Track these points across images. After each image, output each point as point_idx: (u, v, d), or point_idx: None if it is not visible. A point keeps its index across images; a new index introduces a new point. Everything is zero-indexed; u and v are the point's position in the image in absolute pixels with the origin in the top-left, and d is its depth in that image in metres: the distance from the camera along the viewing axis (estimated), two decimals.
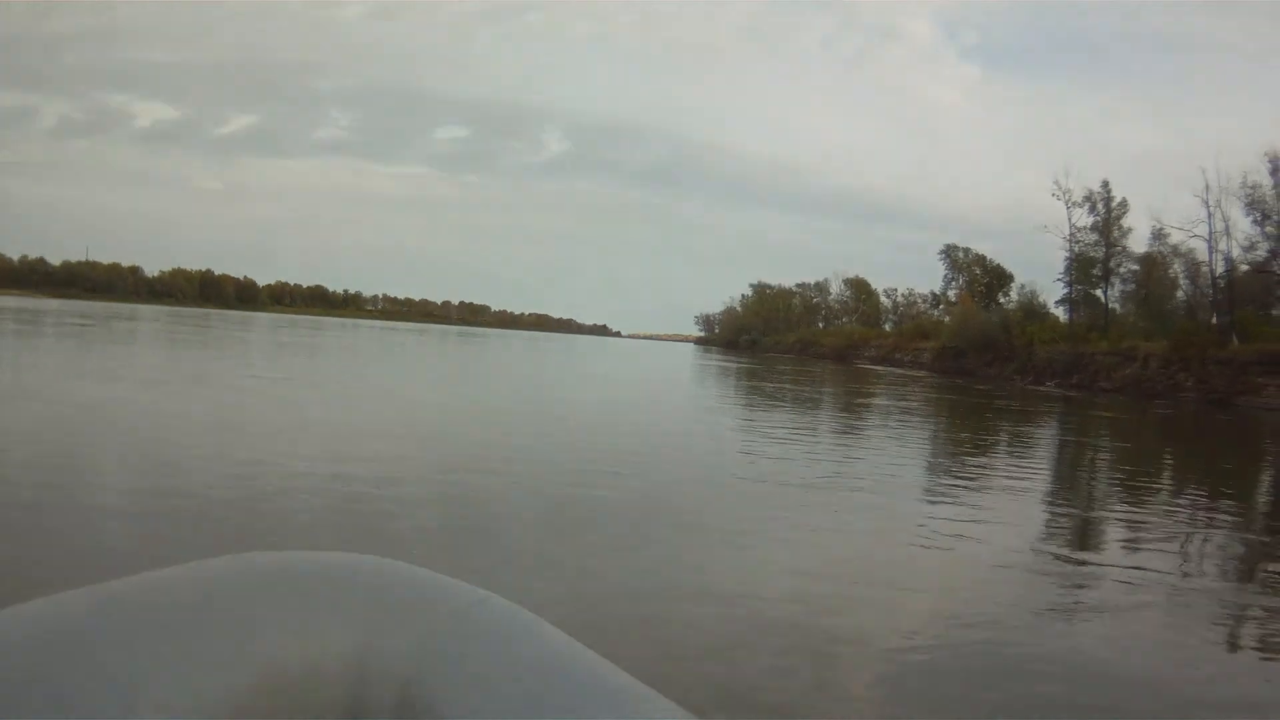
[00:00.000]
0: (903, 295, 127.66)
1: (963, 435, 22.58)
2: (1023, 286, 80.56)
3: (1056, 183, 67.89)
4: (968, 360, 64.71)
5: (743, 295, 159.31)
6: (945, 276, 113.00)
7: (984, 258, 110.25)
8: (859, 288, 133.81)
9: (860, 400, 33.69)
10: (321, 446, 12.70)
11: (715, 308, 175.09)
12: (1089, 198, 67.71)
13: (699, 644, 5.89)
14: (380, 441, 13.60)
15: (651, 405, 23.25)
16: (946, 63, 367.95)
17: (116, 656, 1.88)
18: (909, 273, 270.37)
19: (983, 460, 17.17)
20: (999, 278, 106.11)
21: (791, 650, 5.95)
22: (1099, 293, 69.21)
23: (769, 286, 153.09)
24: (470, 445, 14.44)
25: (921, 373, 66.96)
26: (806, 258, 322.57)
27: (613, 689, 1.95)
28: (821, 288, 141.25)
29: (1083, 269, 68.25)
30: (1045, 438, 24.69)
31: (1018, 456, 18.61)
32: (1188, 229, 57.87)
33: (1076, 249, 68.46)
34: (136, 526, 7.67)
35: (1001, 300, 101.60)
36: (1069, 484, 15.61)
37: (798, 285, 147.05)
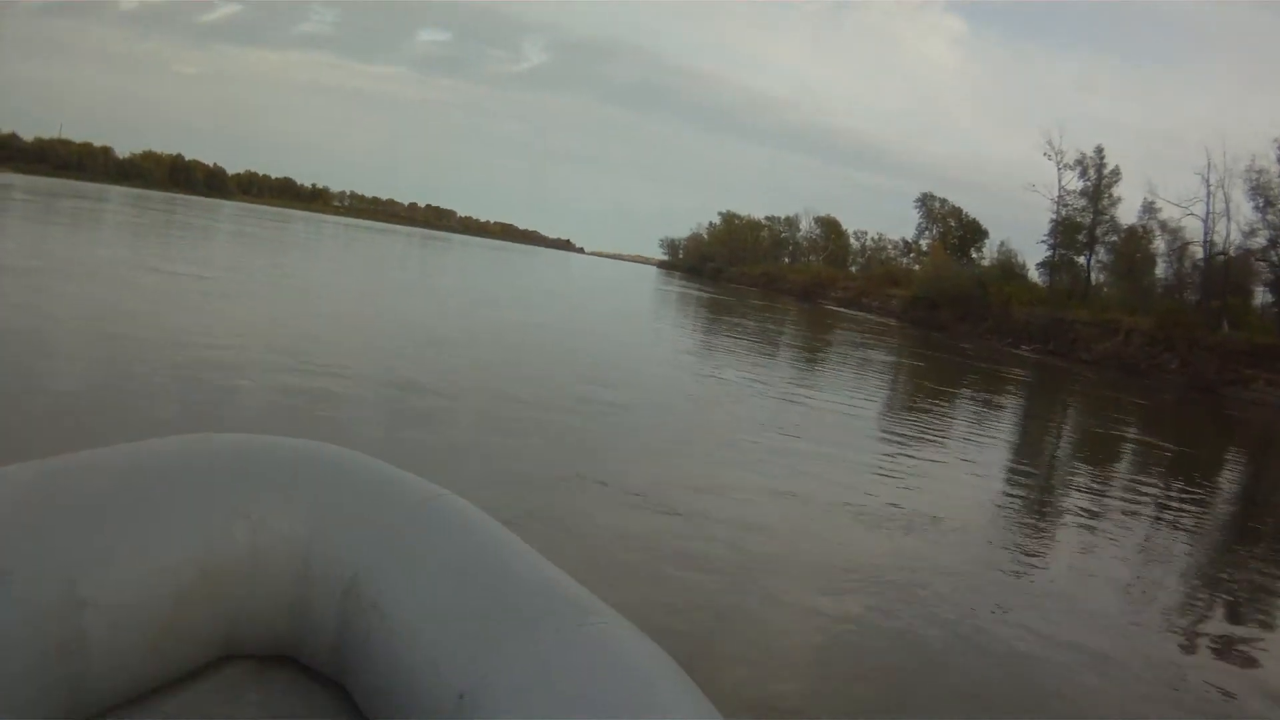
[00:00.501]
0: (872, 239, 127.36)
1: (965, 409, 22.02)
2: (1001, 244, 79.54)
3: (1049, 142, 67.37)
4: (940, 314, 63.88)
5: (710, 223, 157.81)
6: (919, 225, 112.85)
7: (960, 210, 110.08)
8: (829, 226, 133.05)
9: (842, 350, 33.20)
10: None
11: (680, 232, 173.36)
12: (1080, 161, 66.89)
13: None
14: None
15: (624, 353, 22.52)
16: (933, 11, 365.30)
17: (58, 534, 2.02)
18: (879, 218, 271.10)
19: (1002, 453, 16.67)
20: (973, 232, 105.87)
21: None
22: (1081, 260, 68.44)
23: (738, 216, 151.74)
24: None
25: (891, 321, 66.35)
26: (776, 192, 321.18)
27: (558, 594, 2.11)
28: (791, 223, 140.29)
29: (1068, 234, 67.42)
30: (1065, 423, 24.33)
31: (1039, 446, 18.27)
32: (1184, 205, 57.36)
33: (1064, 212, 67.74)
34: None
35: (974, 255, 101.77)
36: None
37: (767, 218, 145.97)
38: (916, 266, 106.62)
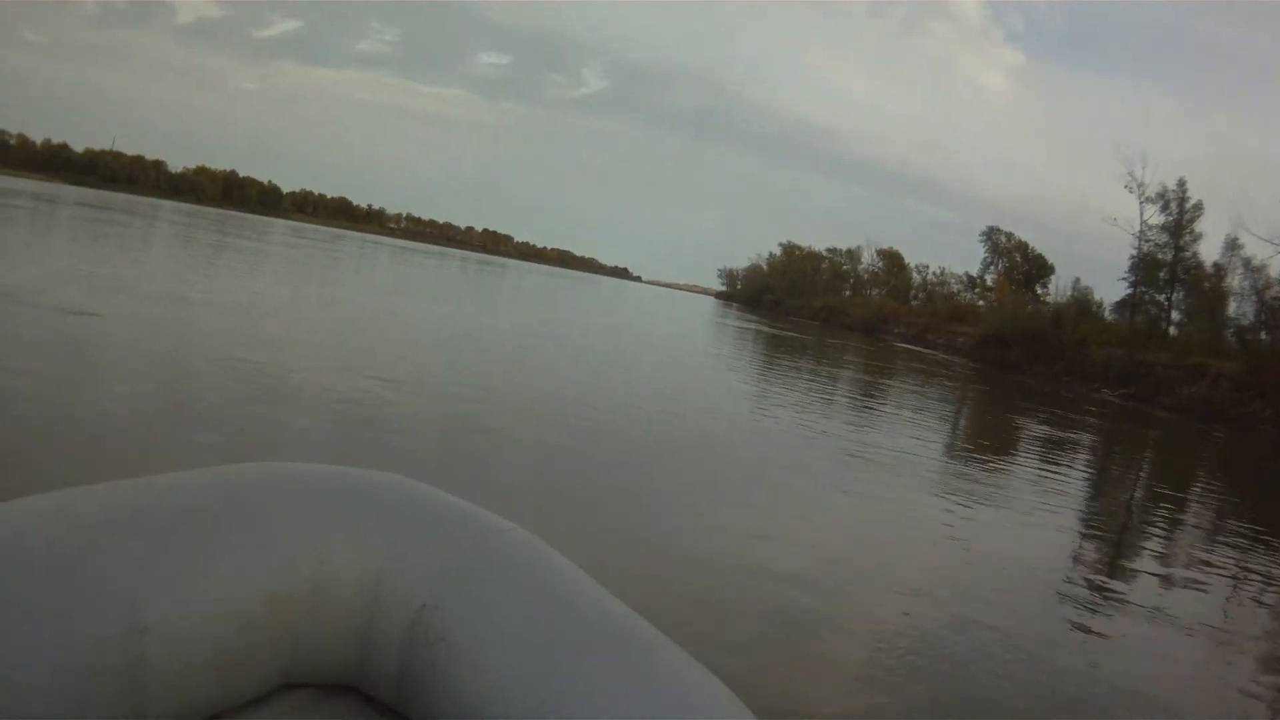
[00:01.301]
0: (935, 273, 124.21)
1: (1076, 467, 19.31)
2: (1076, 281, 74.95)
3: (1130, 174, 63.61)
4: (1010, 353, 60.46)
5: (770, 254, 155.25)
6: (984, 259, 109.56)
7: (1025, 244, 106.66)
8: (892, 260, 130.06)
9: (934, 398, 30.52)
10: None
11: (737, 262, 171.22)
12: (1162, 195, 62.51)
13: None
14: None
15: (698, 404, 19.70)
16: (992, 44, 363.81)
17: (122, 559, 2.00)
18: (937, 251, 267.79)
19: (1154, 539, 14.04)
20: (1039, 267, 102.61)
21: None
22: (1162, 298, 64.18)
23: (799, 247, 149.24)
24: None
25: (959, 359, 63.16)
26: (834, 223, 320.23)
27: (627, 630, 2.12)
28: (853, 255, 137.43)
29: (1150, 271, 63.30)
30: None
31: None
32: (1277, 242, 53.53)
33: (1145, 248, 63.41)
34: None
35: (1039, 291, 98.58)
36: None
37: (828, 250, 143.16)
38: (981, 303, 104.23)
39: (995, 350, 62.49)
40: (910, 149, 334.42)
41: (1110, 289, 70.68)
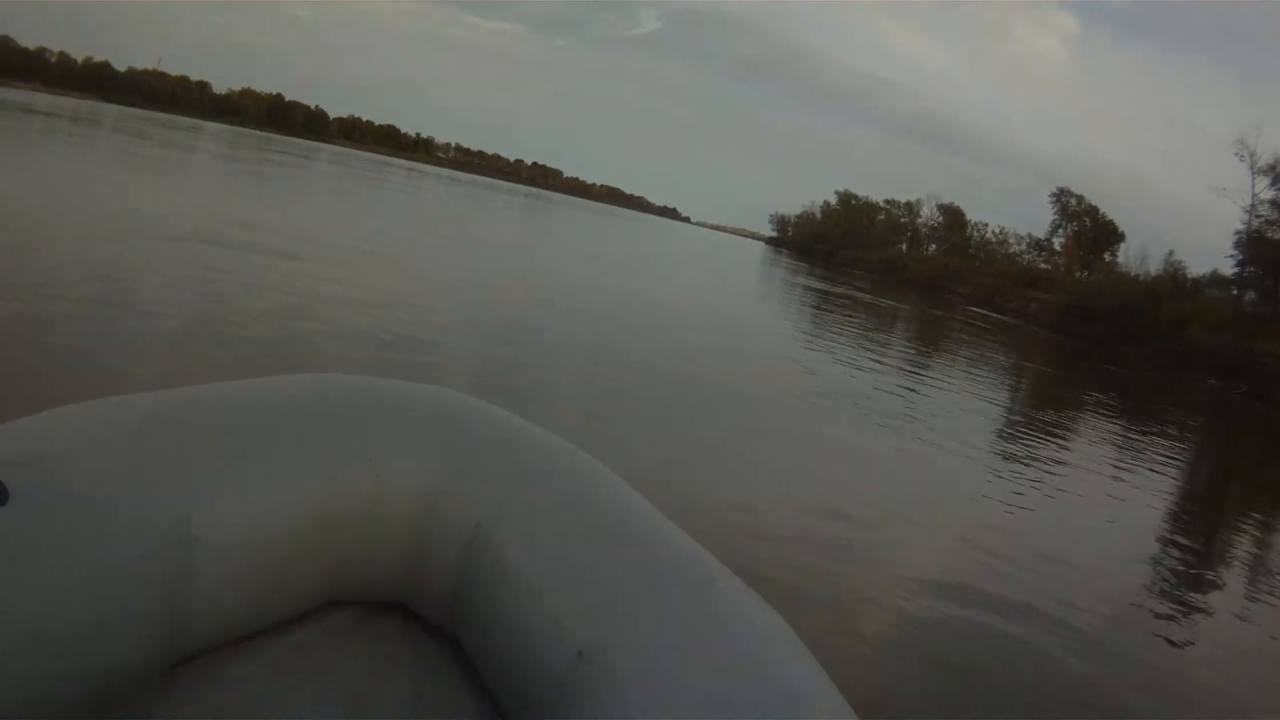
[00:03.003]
0: (994, 232, 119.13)
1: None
2: (1170, 254, 67.98)
3: (1242, 141, 58.73)
4: (1097, 328, 55.44)
5: (825, 201, 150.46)
6: (1053, 221, 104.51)
7: (1096, 209, 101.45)
8: (952, 215, 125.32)
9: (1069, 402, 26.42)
10: None
11: (787, 209, 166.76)
12: (1275, 165, 57.44)
13: None
14: None
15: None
16: (1047, 9, 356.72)
17: (173, 468, 2.01)
18: (985, 210, 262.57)
19: None
20: (1108, 234, 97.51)
21: None
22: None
23: (856, 197, 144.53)
24: None
25: (1038, 329, 58.39)
26: (883, 177, 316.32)
27: (684, 558, 2.11)
28: (912, 208, 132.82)
29: (1264, 249, 56.51)
30: None
31: None
32: None
33: (1255, 223, 58.06)
34: None
35: (1108, 259, 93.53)
36: None
37: (886, 201, 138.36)
38: (1044, 265, 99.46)
39: (1080, 323, 57.40)
40: (963, 108, 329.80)
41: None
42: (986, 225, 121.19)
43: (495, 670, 2.18)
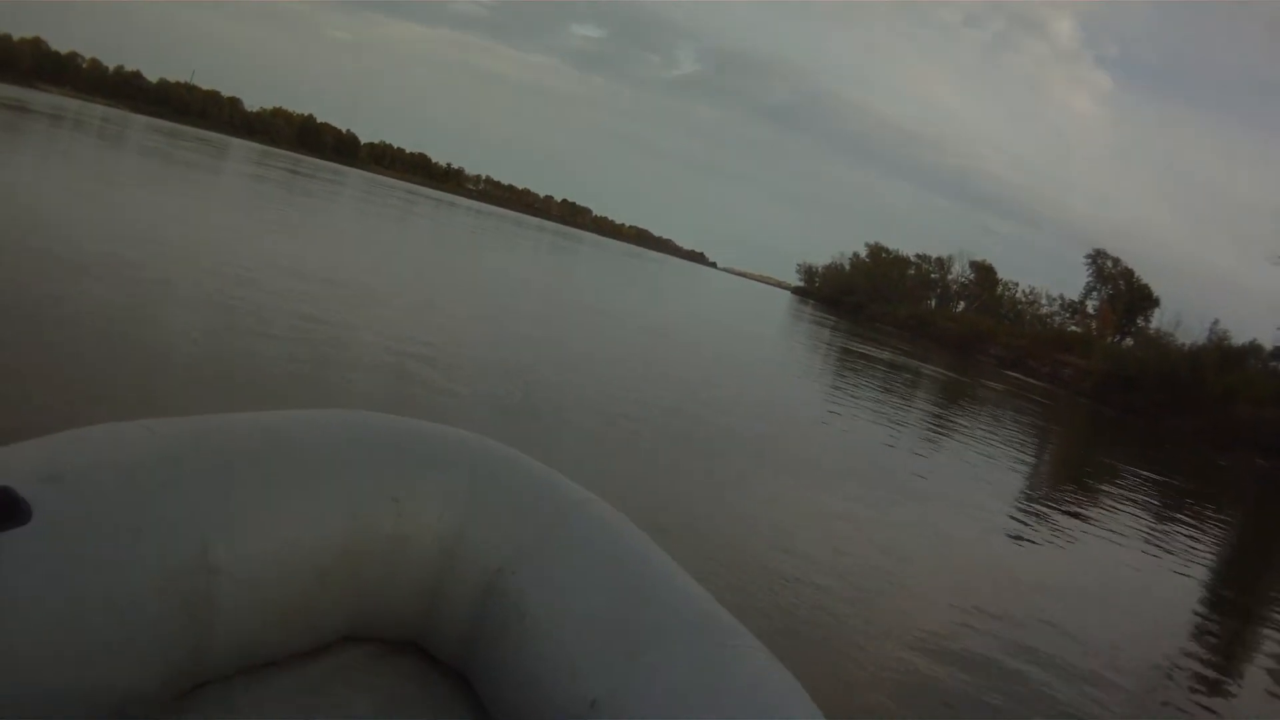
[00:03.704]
0: (1024, 292, 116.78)
1: None
2: (1216, 323, 64.37)
3: None
4: (1134, 397, 52.77)
5: (854, 253, 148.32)
6: (1087, 284, 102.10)
7: (1132, 272, 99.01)
8: (984, 273, 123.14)
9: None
10: None
11: (814, 258, 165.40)
12: None
13: None
14: None
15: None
16: (1083, 67, 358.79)
17: (197, 496, 2.01)
18: (1013, 268, 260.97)
19: None
20: (1143, 299, 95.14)
21: None
22: None
23: (886, 250, 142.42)
24: None
25: (1081, 398, 55.89)
26: (912, 230, 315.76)
27: (701, 613, 2.11)
28: (943, 264, 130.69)
29: None
30: None
31: None
32: None
33: None
34: None
35: (1140, 324, 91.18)
36: None
37: (917, 256, 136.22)
38: (1075, 328, 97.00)
39: (1118, 392, 54.95)
40: (994, 163, 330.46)
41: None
42: (1017, 284, 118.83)
43: (507, 715, 2.18)
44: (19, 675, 1.64)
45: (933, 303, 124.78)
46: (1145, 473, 24.96)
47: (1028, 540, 11.61)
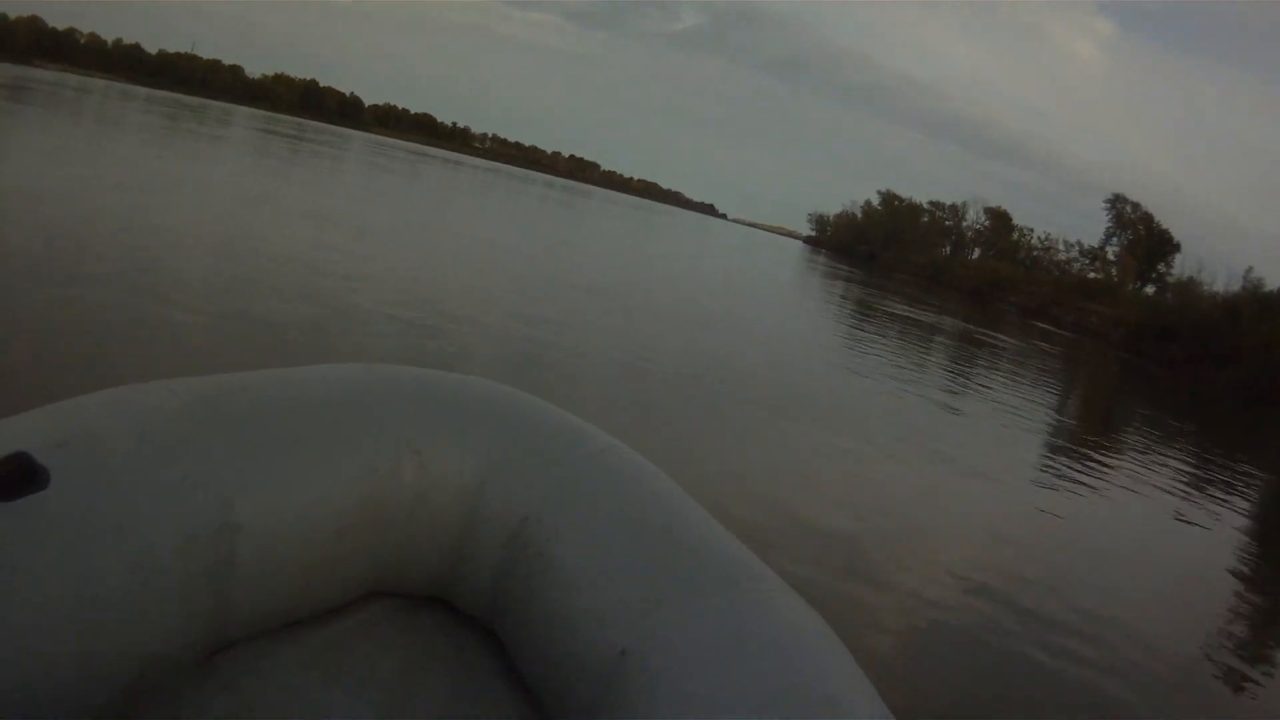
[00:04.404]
0: (1039, 238, 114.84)
1: None
2: (1249, 270, 61.20)
3: None
4: (1171, 348, 50.96)
5: (866, 201, 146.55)
6: (1107, 229, 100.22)
7: (1151, 217, 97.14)
8: (999, 219, 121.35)
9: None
10: None
11: (824, 208, 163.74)
12: None
13: None
14: None
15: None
16: (1083, 12, 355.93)
17: (217, 455, 2.00)
18: (1023, 215, 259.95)
19: None
20: (1164, 244, 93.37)
21: None
22: None
23: (899, 198, 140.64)
24: None
25: (1111, 349, 54.11)
26: (918, 177, 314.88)
27: (729, 558, 2.09)
28: (957, 211, 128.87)
29: None
30: None
31: None
32: None
33: None
34: None
35: (1161, 270, 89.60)
36: None
37: (930, 203, 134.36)
38: (1094, 275, 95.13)
39: (1153, 342, 53.19)
40: (998, 110, 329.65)
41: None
42: (1032, 230, 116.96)
43: (535, 666, 2.16)
44: (41, 642, 1.62)
45: (947, 250, 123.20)
46: (1196, 432, 23.73)
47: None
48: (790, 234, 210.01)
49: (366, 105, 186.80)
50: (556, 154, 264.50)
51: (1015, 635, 6.45)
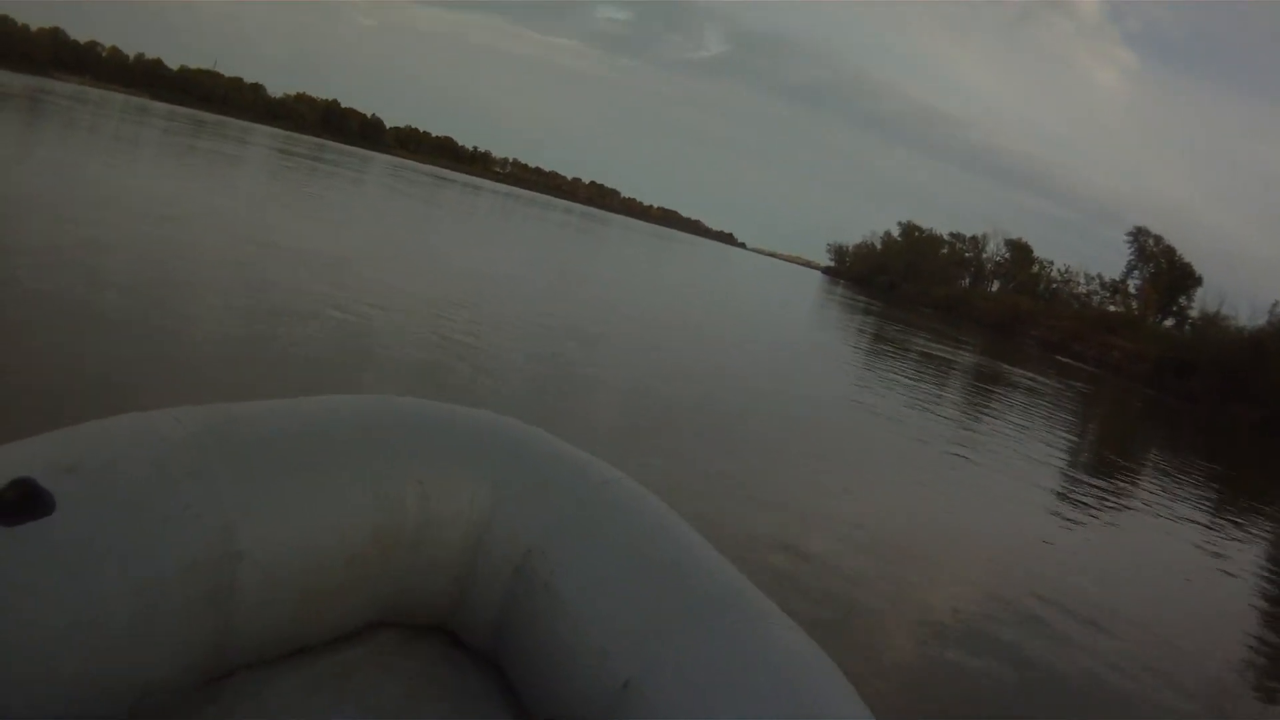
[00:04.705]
0: (1059, 271, 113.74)
1: None
2: (1276, 305, 60.26)
3: None
4: (1192, 383, 50.05)
5: (886, 232, 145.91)
6: (1129, 262, 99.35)
7: (1173, 250, 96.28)
8: (1020, 251, 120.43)
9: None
10: None
11: (843, 239, 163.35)
12: None
13: None
14: None
15: None
16: (1108, 42, 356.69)
17: (222, 482, 1.99)
18: (1045, 248, 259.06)
19: None
20: (1185, 277, 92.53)
21: None
22: None
23: (919, 229, 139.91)
24: None
25: (1135, 384, 53.09)
26: (941, 209, 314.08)
27: (732, 591, 2.09)
28: (977, 242, 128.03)
29: None
30: None
31: None
32: None
33: None
34: None
35: (1182, 303, 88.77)
36: None
37: (950, 234, 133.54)
38: (1113, 307, 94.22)
39: (1173, 377, 52.38)
40: (1022, 140, 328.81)
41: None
42: (1052, 263, 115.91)
43: (538, 697, 2.16)
44: (43, 665, 1.63)
45: (966, 281, 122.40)
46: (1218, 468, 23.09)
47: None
48: (808, 264, 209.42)
49: (388, 127, 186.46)
50: (577, 180, 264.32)
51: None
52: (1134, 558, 10.92)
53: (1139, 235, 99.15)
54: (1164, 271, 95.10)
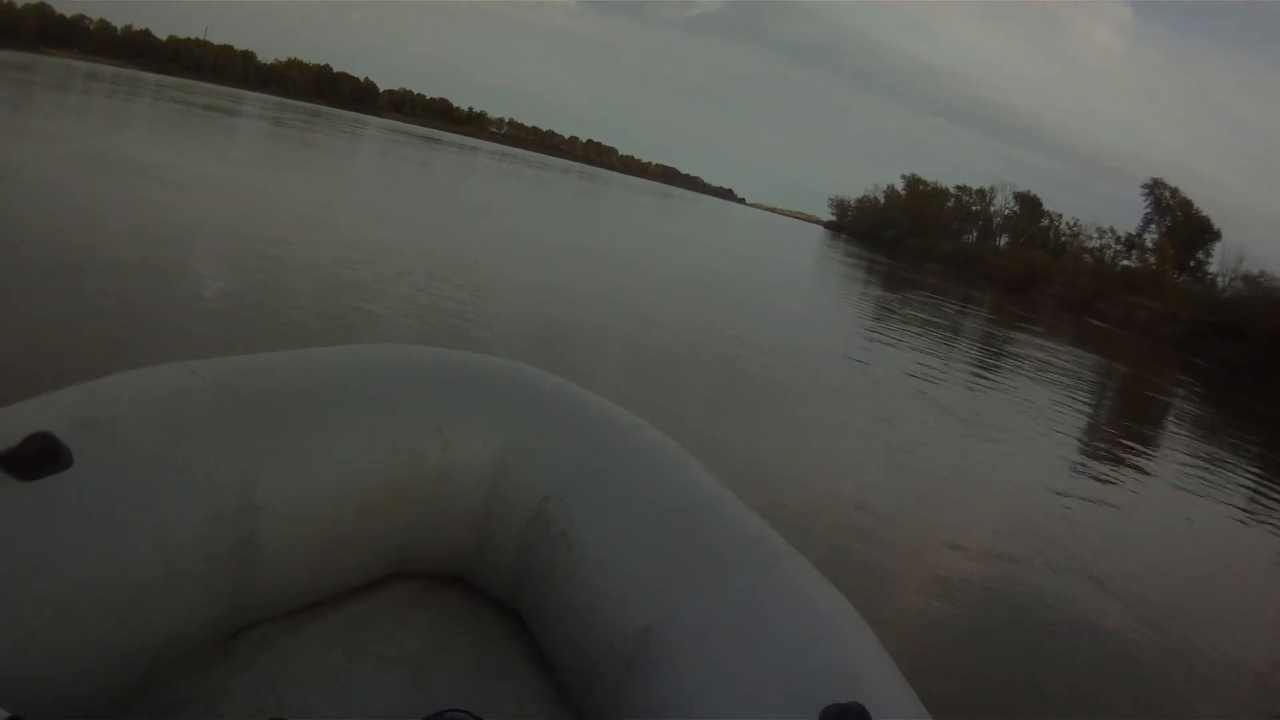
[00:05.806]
0: (1068, 225, 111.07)
1: None
2: None
3: None
4: (1241, 349, 46.15)
5: (889, 186, 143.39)
6: (1145, 216, 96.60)
7: (1190, 203, 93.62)
8: (1029, 204, 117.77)
9: None
10: None
11: (843, 193, 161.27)
12: None
13: None
14: None
15: None
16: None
17: (241, 435, 1.98)
18: (1045, 200, 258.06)
19: None
20: (1203, 231, 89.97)
21: None
22: None
23: (923, 182, 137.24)
24: None
25: (1171, 350, 50.00)
26: (940, 164, 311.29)
27: (751, 536, 2.07)
28: (984, 196, 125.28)
29: None
30: None
31: None
32: None
33: None
34: None
35: (1200, 258, 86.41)
36: None
37: (957, 187, 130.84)
38: (1127, 262, 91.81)
39: (1215, 342, 49.46)
40: (1013, 95, 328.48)
41: None
42: (1060, 216, 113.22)
43: (557, 644, 2.15)
44: (62, 621, 1.63)
45: (974, 236, 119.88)
46: None
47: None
48: (810, 219, 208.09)
49: (381, 90, 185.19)
50: (574, 138, 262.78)
51: None
52: None
53: (1155, 187, 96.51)
54: (1180, 225, 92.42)
